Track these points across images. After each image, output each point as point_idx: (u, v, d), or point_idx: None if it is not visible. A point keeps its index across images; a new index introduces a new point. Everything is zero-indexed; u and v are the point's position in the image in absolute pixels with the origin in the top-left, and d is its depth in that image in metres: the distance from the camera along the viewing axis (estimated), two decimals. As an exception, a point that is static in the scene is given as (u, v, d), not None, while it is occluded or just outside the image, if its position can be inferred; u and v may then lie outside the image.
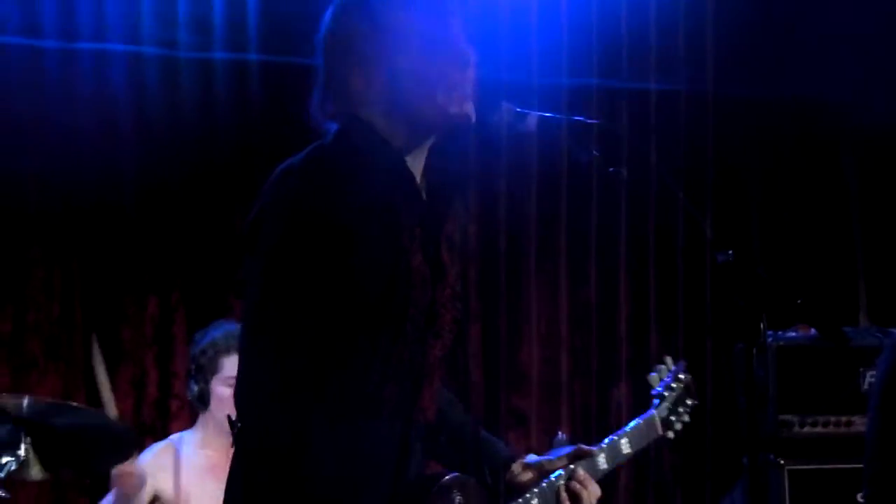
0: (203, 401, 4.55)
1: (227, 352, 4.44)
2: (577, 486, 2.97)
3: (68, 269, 5.51)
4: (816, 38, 6.04)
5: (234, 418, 2.55)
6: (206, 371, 4.51)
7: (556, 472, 2.99)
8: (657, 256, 6.19)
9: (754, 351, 2.78)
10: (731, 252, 2.68)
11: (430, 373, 2.62)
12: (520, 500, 2.92)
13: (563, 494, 2.96)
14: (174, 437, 4.67)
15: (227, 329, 4.52)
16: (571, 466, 3.01)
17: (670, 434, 3.38)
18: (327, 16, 2.68)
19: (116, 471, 4.27)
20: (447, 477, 2.68)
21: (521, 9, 5.92)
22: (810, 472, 5.36)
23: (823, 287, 6.46)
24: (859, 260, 6.67)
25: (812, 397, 5.42)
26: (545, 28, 5.99)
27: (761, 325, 2.72)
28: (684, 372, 3.47)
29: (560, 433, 5.21)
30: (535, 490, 2.95)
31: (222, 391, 4.47)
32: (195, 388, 4.55)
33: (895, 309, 6.23)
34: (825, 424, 5.43)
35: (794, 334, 5.45)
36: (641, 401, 3.48)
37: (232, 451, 4.35)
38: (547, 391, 6.15)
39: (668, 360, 3.48)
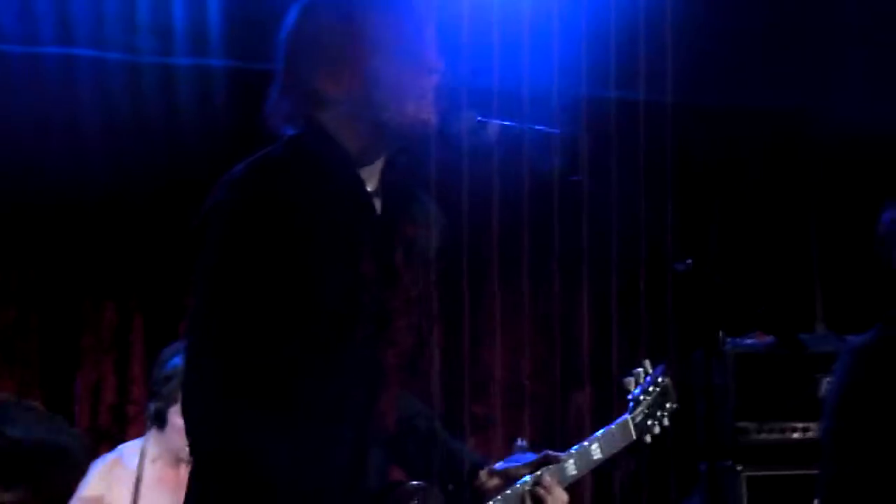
0: (159, 422, 4.52)
1: None
2: (542, 491, 2.97)
3: (25, 274, 5.48)
4: (776, 46, 6.08)
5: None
6: (165, 398, 4.46)
7: (522, 479, 2.99)
8: (619, 263, 6.20)
9: (712, 358, 2.80)
10: (689, 261, 2.69)
11: (385, 379, 2.61)
12: None
13: (528, 501, 2.95)
14: (121, 448, 4.62)
15: None
16: (538, 472, 3.00)
17: (647, 438, 3.35)
18: (294, 14, 2.65)
19: None
20: (408, 484, 2.67)
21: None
22: (768, 479, 5.38)
23: (781, 294, 6.49)
24: (816, 267, 6.72)
25: (769, 404, 5.45)
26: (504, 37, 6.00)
27: (720, 333, 2.74)
28: (664, 375, 3.42)
29: (520, 439, 5.24)
30: (499, 497, 2.94)
31: (178, 421, 4.44)
32: (152, 408, 4.51)
33: (852, 316, 6.26)
34: (782, 431, 5.46)
35: (751, 341, 5.48)
36: (604, 407, 3.48)
37: (180, 464, 4.38)
38: (509, 397, 6.16)
39: (647, 363, 3.44)
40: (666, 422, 3.37)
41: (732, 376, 5.40)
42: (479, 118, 2.72)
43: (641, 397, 3.33)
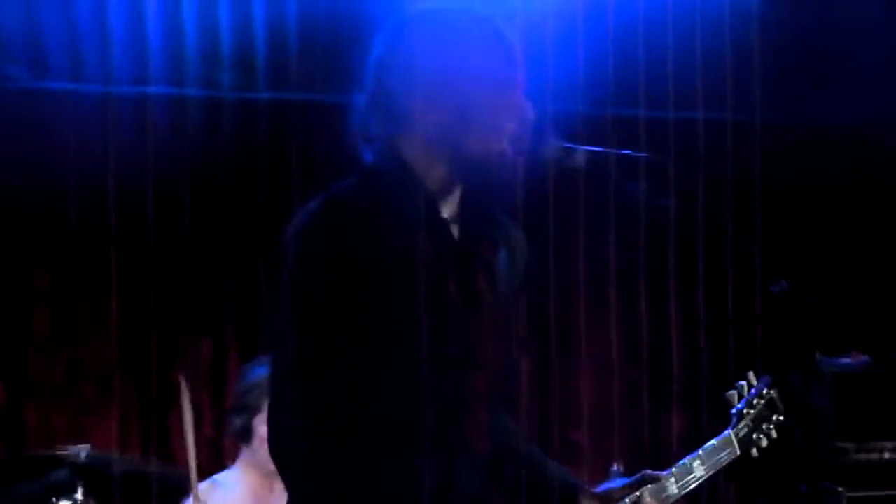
0: (244, 437, 4.55)
1: None
2: None
3: (122, 310, 5.55)
4: (865, 64, 6.01)
5: None
6: (250, 409, 4.50)
7: (622, 502, 2.96)
8: (707, 286, 6.16)
9: (809, 378, 2.77)
10: (784, 282, 2.66)
11: (472, 404, 2.61)
12: None
13: None
14: (216, 476, 4.67)
15: None
16: (637, 493, 2.97)
17: (754, 452, 3.29)
18: (386, 36, 2.68)
19: None
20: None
21: (567, 36, 5.91)
22: (869, 500, 5.31)
23: (875, 313, 6.40)
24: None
25: (868, 424, 5.38)
26: (591, 57, 5.99)
27: (816, 354, 2.70)
28: (769, 387, 3.36)
29: (615, 465, 5.20)
30: None
31: (265, 431, 4.47)
32: (237, 422, 4.55)
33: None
34: (882, 451, 5.38)
35: (848, 361, 5.41)
36: (694, 431, 3.44)
37: (274, 485, 4.42)
38: (598, 422, 6.12)
39: (751, 375, 3.38)
40: (774, 434, 3.30)
41: (830, 396, 5.34)
42: (565, 145, 2.72)
43: (745, 410, 3.28)
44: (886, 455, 5.36)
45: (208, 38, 5.49)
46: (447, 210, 2.63)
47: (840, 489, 5.29)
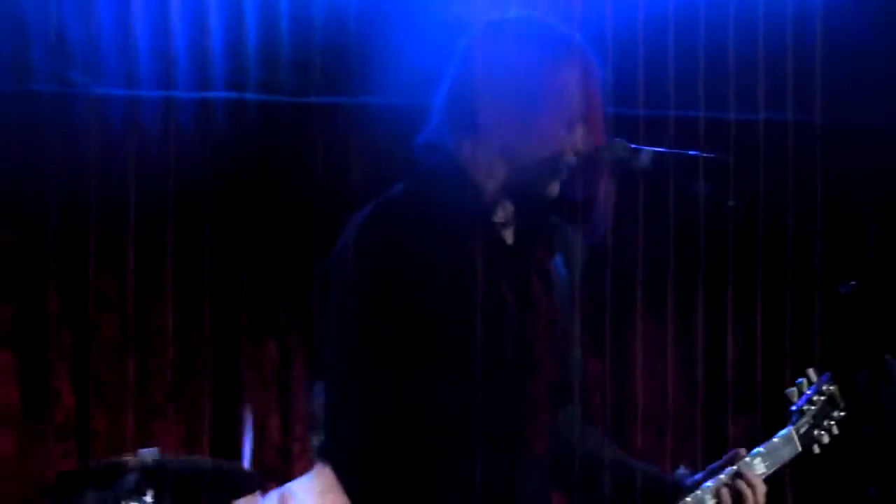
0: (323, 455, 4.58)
1: None
2: (744, 485, 2.91)
3: (189, 311, 5.59)
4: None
5: None
6: None
7: (709, 481, 2.94)
8: (765, 288, 6.12)
9: (879, 380, 2.75)
10: (853, 283, 2.65)
11: (531, 407, 2.61)
12: None
13: (726, 497, 2.89)
14: (288, 485, 4.70)
15: None
16: (734, 468, 2.95)
17: (816, 448, 3.27)
18: (463, 46, 2.70)
19: None
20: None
21: (629, 40, 5.90)
22: (938, 502, 5.25)
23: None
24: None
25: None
26: (649, 60, 5.97)
27: (886, 355, 2.69)
28: (829, 383, 3.33)
29: (681, 467, 5.19)
30: (688, 499, 2.90)
31: None
32: (315, 440, 4.59)
33: None
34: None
35: (917, 361, 5.36)
36: (754, 434, 3.41)
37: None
38: (654, 426, 6.10)
39: (811, 372, 3.35)
40: (835, 430, 3.28)
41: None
42: (632, 146, 2.73)
43: (805, 407, 3.24)
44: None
45: (233, 41, 5.53)
46: (502, 215, 2.64)
47: (909, 491, 5.25)
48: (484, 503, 2.48)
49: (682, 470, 5.09)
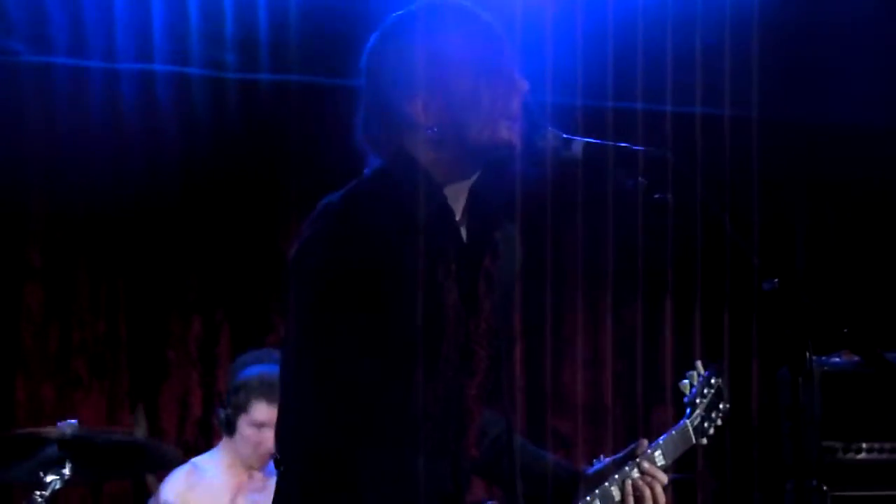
0: (229, 430, 4.59)
1: (258, 396, 4.48)
2: (647, 478, 2.95)
3: (113, 287, 5.56)
4: (862, 64, 6.02)
5: (277, 457, 2.55)
6: (236, 407, 4.55)
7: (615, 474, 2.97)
8: (703, 280, 6.17)
9: (799, 377, 2.77)
10: (776, 280, 2.66)
11: (470, 411, 2.61)
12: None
13: (630, 491, 2.93)
14: (194, 459, 4.70)
15: (262, 372, 4.54)
16: (636, 460, 2.98)
17: (703, 441, 3.34)
18: (375, 38, 2.67)
19: None
20: (488, 503, 2.68)
21: (566, 31, 5.92)
22: (854, 499, 5.32)
23: (868, 312, 6.41)
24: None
25: (856, 423, 5.39)
26: (589, 51, 5.99)
27: (807, 353, 2.70)
28: (716, 376, 3.41)
29: (602, 457, 5.22)
30: (596, 492, 2.92)
31: (247, 431, 4.53)
32: (223, 415, 4.60)
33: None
34: (869, 451, 5.39)
35: (838, 360, 5.42)
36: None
37: (252, 471, 4.44)
38: (590, 414, 6.14)
39: (699, 364, 3.43)
40: (720, 422, 3.35)
41: (818, 395, 5.35)
42: (564, 136, 2.71)
43: (697, 400, 3.33)
44: (882, 455, 5.36)
45: (212, 19, 5.49)
46: (455, 212, 2.62)
47: (825, 488, 5.31)
48: (419, 497, 2.47)
49: (602, 459, 5.14)
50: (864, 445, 5.38)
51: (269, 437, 4.42)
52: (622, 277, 6.17)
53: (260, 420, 4.47)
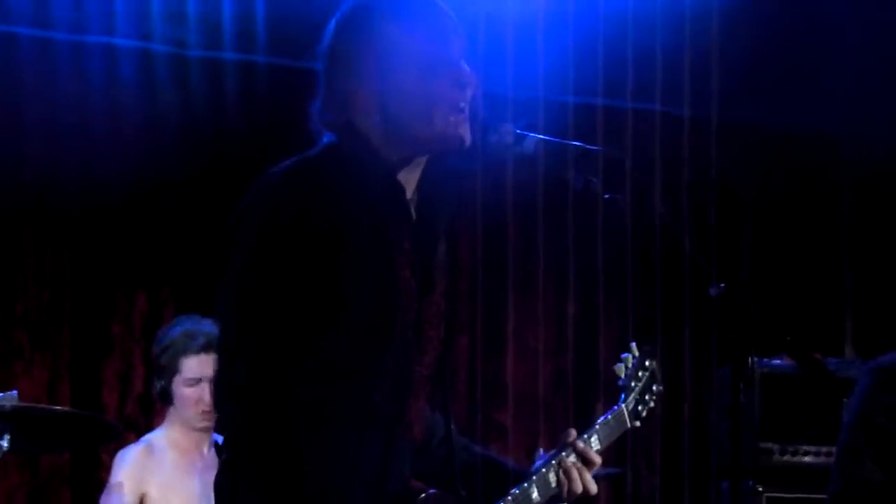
0: (166, 398, 4.57)
1: (186, 352, 4.45)
2: (577, 459, 2.94)
3: (59, 258, 5.53)
4: (817, 71, 6.06)
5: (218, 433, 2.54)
6: (166, 371, 4.52)
7: (548, 456, 2.97)
8: (636, 276, 6.20)
9: (741, 383, 2.79)
10: (723, 285, 2.68)
11: (415, 388, 2.62)
12: (515, 490, 2.88)
13: (564, 473, 2.93)
14: (147, 437, 4.68)
15: (185, 328, 4.51)
16: (569, 443, 2.97)
17: (637, 423, 3.34)
18: (330, 27, 2.67)
19: None
20: (428, 493, 2.68)
21: (528, 26, 5.92)
22: (789, 501, 5.37)
23: (811, 316, 6.47)
24: (847, 291, 6.70)
25: (793, 426, 5.44)
26: (551, 46, 6.00)
27: (750, 359, 2.73)
28: (650, 358, 3.40)
29: (540, 449, 5.24)
30: (533, 478, 2.92)
31: (183, 391, 4.50)
32: (158, 385, 4.57)
33: (881, 341, 6.25)
34: (805, 453, 5.45)
35: (778, 362, 5.46)
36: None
37: (202, 446, 4.43)
38: (526, 406, 6.17)
39: (634, 347, 3.42)
40: (653, 405, 3.34)
41: (758, 396, 5.39)
42: (517, 131, 2.72)
43: (631, 384, 3.30)
44: (818, 459, 5.41)
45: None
46: (409, 192, 2.63)
47: (760, 489, 5.36)
48: (362, 478, 2.48)
49: (541, 453, 5.16)
50: (801, 448, 5.43)
51: (206, 391, 4.40)
52: (558, 269, 6.20)
53: (193, 375, 4.43)
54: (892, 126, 6.12)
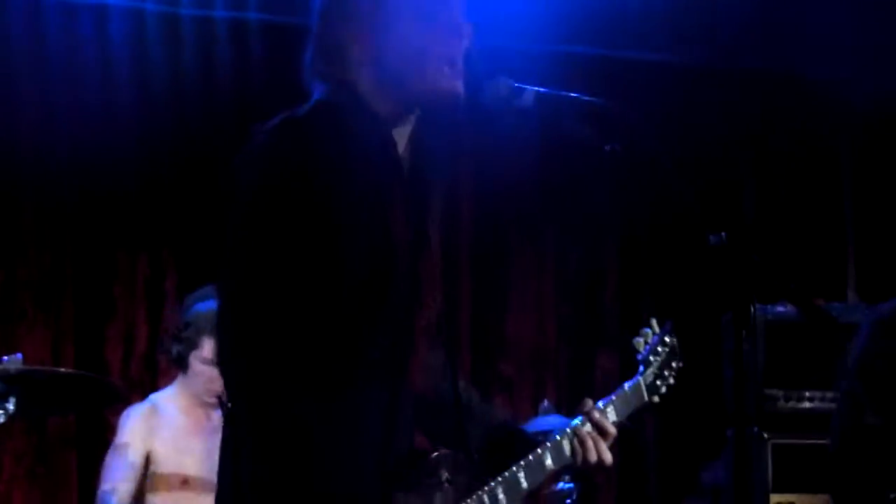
0: (181, 365, 4.60)
1: (208, 332, 4.47)
2: (592, 429, 2.92)
3: (60, 222, 5.52)
4: (816, 16, 6.02)
5: (224, 399, 2.53)
6: (186, 343, 4.54)
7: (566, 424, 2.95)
8: (648, 226, 6.19)
9: (743, 330, 2.78)
10: (723, 234, 2.67)
11: (415, 342, 2.61)
12: (529, 456, 2.86)
13: (583, 441, 2.91)
14: (153, 397, 4.70)
15: (212, 308, 4.51)
16: (585, 411, 2.94)
17: (655, 399, 3.31)
18: None
19: None
20: (436, 453, 2.68)
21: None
22: (794, 447, 5.37)
23: (813, 262, 6.47)
24: (850, 236, 6.69)
25: (798, 372, 5.44)
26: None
27: (751, 307, 2.72)
28: (670, 334, 3.36)
29: (545, 401, 5.25)
30: (548, 444, 2.90)
31: (199, 367, 4.53)
32: (175, 351, 4.59)
33: (883, 285, 6.25)
34: (810, 399, 5.45)
35: (781, 308, 5.45)
36: (628, 369, 3.43)
37: (209, 410, 4.45)
38: (533, 358, 6.17)
39: (654, 322, 3.39)
40: (672, 381, 3.31)
41: (762, 343, 5.39)
42: (515, 84, 2.70)
43: (651, 358, 3.26)
44: (823, 404, 5.42)
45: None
46: (399, 146, 2.61)
47: (766, 435, 5.37)
48: (369, 436, 2.47)
49: (545, 404, 5.17)
50: (805, 394, 5.44)
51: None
52: (565, 220, 6.20)
53: (210, 357, 4.46)
54: (892, 68, 6.09)
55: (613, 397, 3.10)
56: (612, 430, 2.96)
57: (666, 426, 6.30)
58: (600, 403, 3.04)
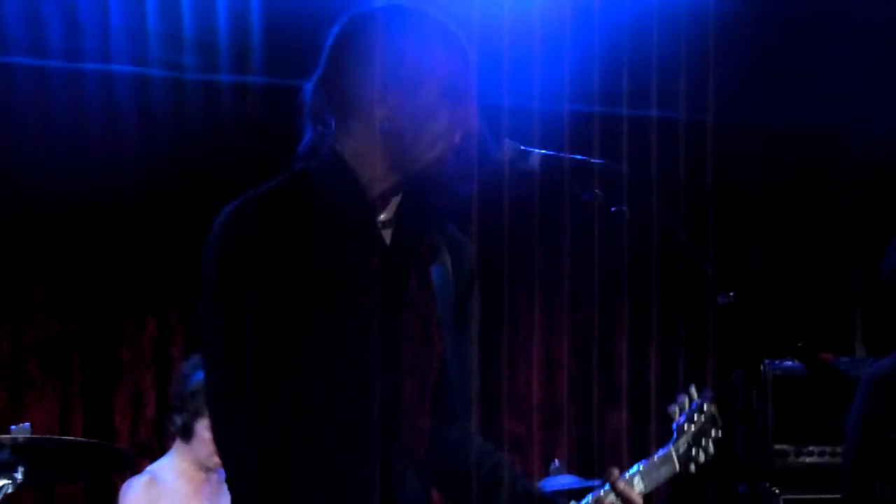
0: (186, 435, 4.56)
1: None
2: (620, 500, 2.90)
3: (68, 287, 5.53)
4: (817, 69, 6.05)
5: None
6: (192, 411, 4.51)
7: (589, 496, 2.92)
8: (659, 284, 6.19)
9: (753, 388, 2.78)
10: (731, 294, 2.67)
11: (405, 409, 2.59)
12: None
13: None
14: (151, 468, 4.67)
15: None
16: (612, 481, 2.90)
17: (692, 468, 3.22)
18: (342, 31, 2.65)
19: None
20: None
21: (524, 35, 5.92)
22: (806, 502, 5.37)
23: (820, 316, 6.46)
24: (856, 289, 6.69)
25: (808, 427, 5.43)
26: (548, 55, 5.99)
27: (762, 365, 2.72)
28: (709, 402, 3.27)
29: (556, 460, 5.23)
30: None
31: (206, 434, 4.48)
32: (178, 421, 4.55)
33: (891, 338, 6.24)
34: (820, 454, 5.44)
35: (790, 363, 5.45)
36: (640, 428, 3.41)
37: (210, 473, 4.43)
38: (545, 416, 6.15)
39: (692, 389, 3.32)
40: (712, 450, 3.23)
41: (771, 399, 5.39)
42: (521, 147, 2.71)
43: (686, 426, 3.19)
44: (833, 459, 5.40)
45: (171, 20, 5.47)
46: (386, 214, 2.60)
47: (777, 490, 5.35)
48: (357, 500, 2.46)
49: (556, 464, 5.15)
50: (814, 449, 5.43)
51: None
52: (578, 280, 6.19)
53: None
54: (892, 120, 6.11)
55: (640, 467, 3.03)
56: (639, 501, 2.91)
57: (678, 484, 6.26)
58: (627, 474, 2.98)
